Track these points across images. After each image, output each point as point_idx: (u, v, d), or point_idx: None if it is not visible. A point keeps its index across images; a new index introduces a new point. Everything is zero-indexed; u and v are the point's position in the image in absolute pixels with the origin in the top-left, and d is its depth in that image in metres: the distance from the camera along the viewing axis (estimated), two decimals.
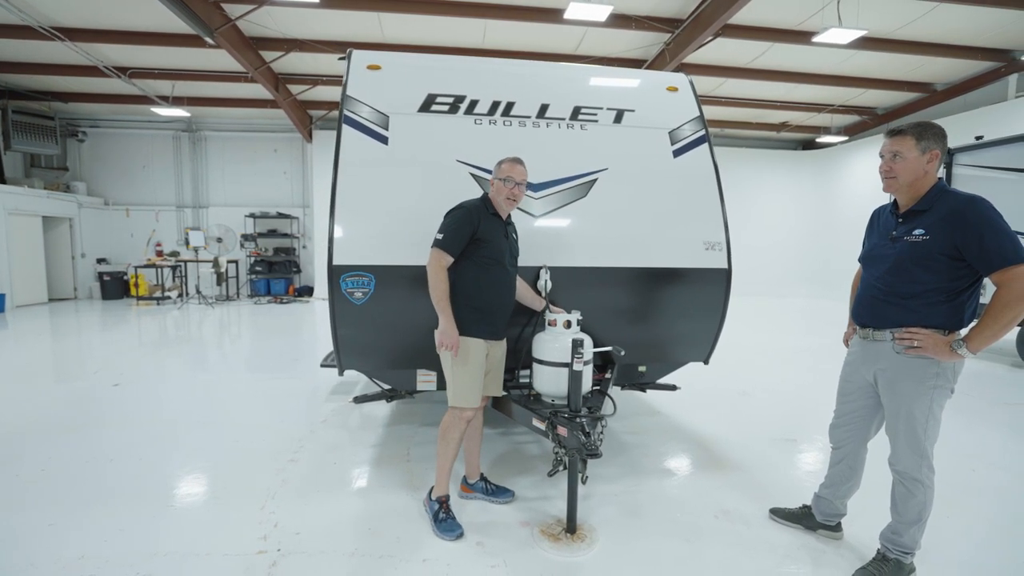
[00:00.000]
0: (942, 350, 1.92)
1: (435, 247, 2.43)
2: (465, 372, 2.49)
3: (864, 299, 2.17)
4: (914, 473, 2.05)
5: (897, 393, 2.04)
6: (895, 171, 2.01)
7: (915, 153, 1.97)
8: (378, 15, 8.15)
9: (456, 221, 2.46)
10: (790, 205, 14.85)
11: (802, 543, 2.45)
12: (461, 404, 2.52)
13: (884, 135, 2.07)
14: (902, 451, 2.06)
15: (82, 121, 12.98)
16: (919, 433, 2.01)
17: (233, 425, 3.96)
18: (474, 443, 2.81)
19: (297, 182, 13.86)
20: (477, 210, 2.49)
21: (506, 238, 2.58)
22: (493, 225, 2.52)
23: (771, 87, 11.15)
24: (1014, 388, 5.29)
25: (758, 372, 5.82)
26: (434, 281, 2.41)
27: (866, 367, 2.17)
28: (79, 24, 8.36)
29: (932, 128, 1.98)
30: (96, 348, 6.99)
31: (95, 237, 12.90)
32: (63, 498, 2.78)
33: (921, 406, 2.00)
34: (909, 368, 2.00)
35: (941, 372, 1.97)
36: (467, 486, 2.84)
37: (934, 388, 1.98)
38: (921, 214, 1.99)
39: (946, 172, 6.65)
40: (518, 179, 2.51)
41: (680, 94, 3.62)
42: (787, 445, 3.68)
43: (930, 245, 1.93)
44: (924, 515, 2.08)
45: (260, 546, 2.36)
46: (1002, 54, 9.42)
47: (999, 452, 3.62)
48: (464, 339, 2.45)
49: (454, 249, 2.43)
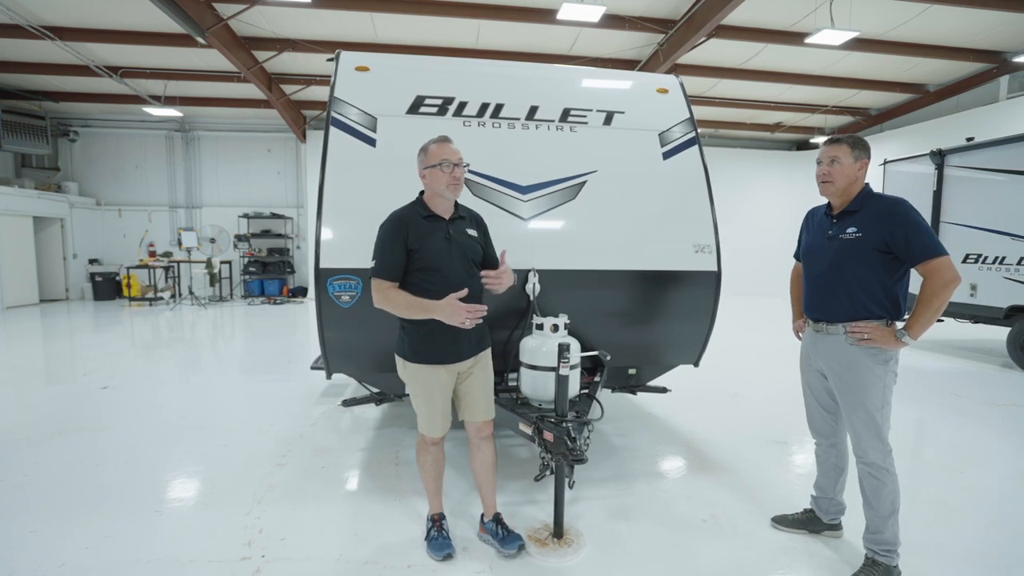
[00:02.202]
0: (889, 340, 2.10)
1: (372, 277, 2.16)
2: (422, 402, 2.27)
3: (812, 295, 2.34)
4: (880, 461, 2.15)
5: (854, 379, 2.18)
6: (832, 175, 2.22)
7: (849, 160, 2.19)
8: (371, 15, 8.12)
9: (383, 239, 2.17)
10: (784, 205, 14.87)
11: (791, 545, 2.45)
12: (425, 432, 2.33)
13: (822, 143, 2.29)
14: (867, 442, 2.17)
15: (74, 121, 12.90)
16: (878, 420, 2.15)
17: (222, 428, 3.93)
18: (484, 476, 2.44)
19: (291, 182, 13.82)
20: (401, 219, 2.19)
21: (447, 239, 2.20)
22: (426, 229, 2.19)
23: (765, 88, 11.18)
24: (1004, 389, 5.31)
25: (749, 373, 5.83)
26: (390, 304, 2.13)
27: (821, 359, 2.32)
28: (69, 23, 8.30)
29: (862, 141, 2.24)
30: (87, 350, 6.94)
31: (87, 238, 12.83)
32: (46, 504, 2.75)
33: (876, 390, 2.15)
34: (862, 355, 2.16)
35: (888, 359, 2.15)
36: (483, 526, 2.47)
37: (885, 375, 2.15)
38: (853, 214, 2.21)
39: (937, 173, 6.67)
40: (454, 160, 2.18)
41: (670, 96, 3.61)
42: (778, 447, 3.68)
43: (863, 241, 2.14)
44: (896, 504, 2.16)
45: (244, 552, 2.34)
46: (994, 55, 9.48)
47: (987, 453, 3.63)
48: (413, 367, 2.23)
49: (390, 272, 2.14)
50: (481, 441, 2.41)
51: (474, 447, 2.43)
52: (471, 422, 2.38)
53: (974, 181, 6.34)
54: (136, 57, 9.60)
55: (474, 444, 2.43)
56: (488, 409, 2.39)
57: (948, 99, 11.07)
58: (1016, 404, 4.78)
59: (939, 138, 8.31)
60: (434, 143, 2.24)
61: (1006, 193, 6.00)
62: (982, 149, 6.29)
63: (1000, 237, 6.06)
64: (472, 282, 2.25)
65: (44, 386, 5.21)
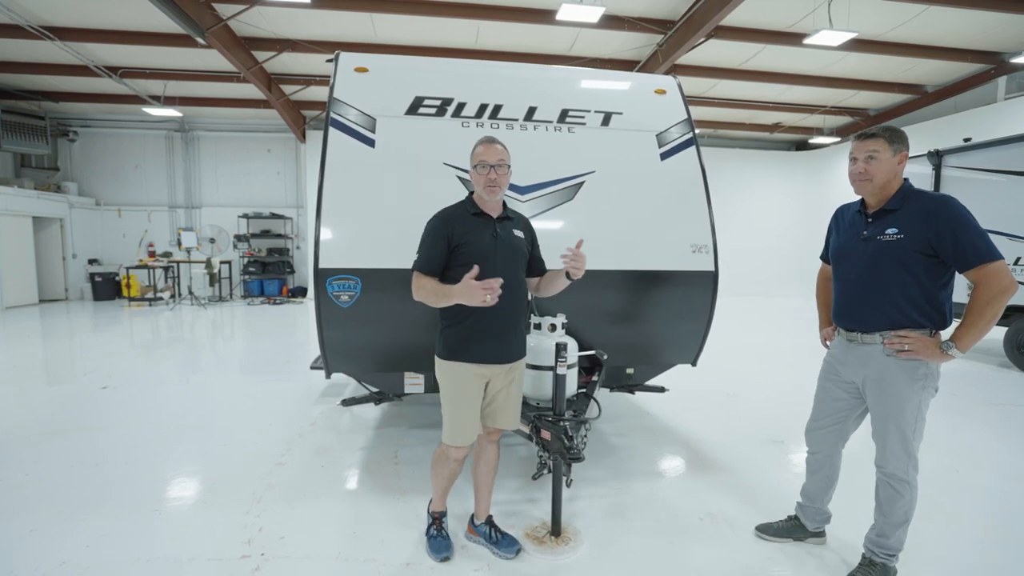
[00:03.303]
0: (933, 352, 1.94)
1: (413, 269, 2.18)
2: (451, 405, 2.20)
3: (845, 301, 2.17)
4: (902, 474, 2.05)
5: (887, 395, 2.04)
6: (870, 173, 2.02)
7: (888, 154, 2.00)
8: (371, 16, 8.14)
9: (427, 235, 2.19)
10: (784, 205, 14.92)
11: (788, 547, 2.46)
12: (448, 441, 2.22)
13: (853, 139, 2.09)
14: (892, 453, 2.06)
15: (73, 121, 12.90)
16: (908, 434, 2.02)
17: (222, 428, 3.94)
18: (485, 478, 2.43)
19: (291, 182, 13.83)
20: (451, 216, 2.20)
21: (494, 237, 2.19)
22: (473, 226, 2.19)
23: (764, 88, 11.20)
24: (1001, 388, 5.33)
25: (747, 373, 5.84)
26: (424, 295, 2.12)
27: (852, 370, 2.16)
28: (69, 23, 8.31)
29: (899, 132, 2.04)
30: (86, 350, 6.94)
31: (86, 238, 12.83)
32: (47, 504, 2.76)
33: (911, 407, 2.01)
34: (899, 370, 2.01)
35: (929, 373, 2.00)
36: (473, 527, 2.48)
37: (923, 389, 2.00)
38: (892, 213, 2.02)
39: (935, 174, 6.69)
40: (492, 161, 2.13)
41: (668, 97, 3.62)
42: (775, 447, 3.69)
43: (904, 244, 1.96)
44: (910, 515, 2.10)
45: (244, 551, 2.35)
46: (992, 56, 9.50)
47: (984, 452, 3.65)
48: (449, 364, 2.18)
49: (430, 267, 2.14)
50: (489, 444, 2.40)
51: (481, 448, 2.40)
52: (494, 428, 2.35)
53: (971, 182, 6.36)
54: (136, 57, 9.61)
55: (481, 445, 2.40)
56: (514, 420, 2.37)
57: (946, 100, 11.09)
58: (1013, 404, 4.80)
59: (937, 138, 8.31)
60: (479, 144, 2.20)
61: (1003, 193, 6.02)
62: (979, 150, 6.31)
63: (997, 237, 6.07)
64: (515, 282, 2.22)
65: (44, 386, 5.22)
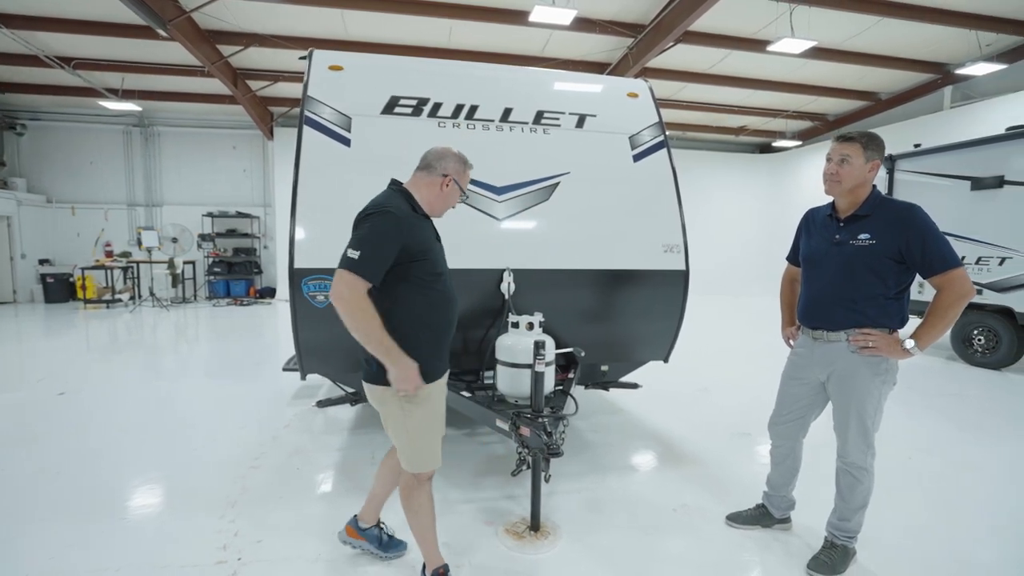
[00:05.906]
0: (895, 349, 2.06)
1: (347, 269, 1.70)
2: (427, 425, 1.93)
3: (813, 301, 2.25)
4: (861, 462, 2.19)
5: (851, 389, 2.15)
6: (841, 175, 2.10)
7: (861, 160, 2.08)
8: (341, 12, 8.01)
9: (378, 234, 1.76)
10: (748, 206, 15.40)
11: (757, 533, 2.58)
12: (422, 468, 1.94)
13: (833, 139, 2.16)
14: (853, 444, 2.18)
15: (21, 113, 12.23)
16: (868, 424, 2.15)
17: (191, 433, 3.83)
18: (389, 485, 2.26)
19: (258, 180, 13.46)
20: (404, 219, 1.83)
21: (438, 240, 2.03)
22: (425, 230, 1.94)
23: (729, 92, 11.55)
24: (950, 380, 5.67)
25: (718, 369, 6.03)
26: (358, 315, 1.71)
27: (818, 367, 2.25)
28: (17, 10, 7.88)
29: (877, 139, 2.11)
30: (39, 355, 6.61)
31: (37, 237, 12.16)
32: (5, 515, 2.64)
33: (872, 399, 2.13)
34: (863, 366, 2.12)
35: (890, 368, 2.13)
36: (357, 530, 2.28)
37: (884, 383, 2.13)
38: (864, 219, 2.11)
39: (888, 177, 7.05)
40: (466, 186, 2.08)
41: (640, 100, 3.72)
42: (743, 439, 3.83)
43: (877, 249, 2.06)
44: (867, 500, 2.24)
45: (219, 556, 2.30)
46: (939, 67, 10.07)
47: (933, 440, 3.89)
48: (427, 387, 1.89)
49: (374, 273, 1.74)
50: None
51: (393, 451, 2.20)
52: None
53: (921, 185, 6.72)
54: (91, 48, 9.17)
55: None
56: None
57: (898, 107, 11.69)
58: (960, 395, 5.12)
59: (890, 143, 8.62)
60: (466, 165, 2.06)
61: (950, 197, 6.38)
62: (929, 155, 6.68)
63: None
64: None
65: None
